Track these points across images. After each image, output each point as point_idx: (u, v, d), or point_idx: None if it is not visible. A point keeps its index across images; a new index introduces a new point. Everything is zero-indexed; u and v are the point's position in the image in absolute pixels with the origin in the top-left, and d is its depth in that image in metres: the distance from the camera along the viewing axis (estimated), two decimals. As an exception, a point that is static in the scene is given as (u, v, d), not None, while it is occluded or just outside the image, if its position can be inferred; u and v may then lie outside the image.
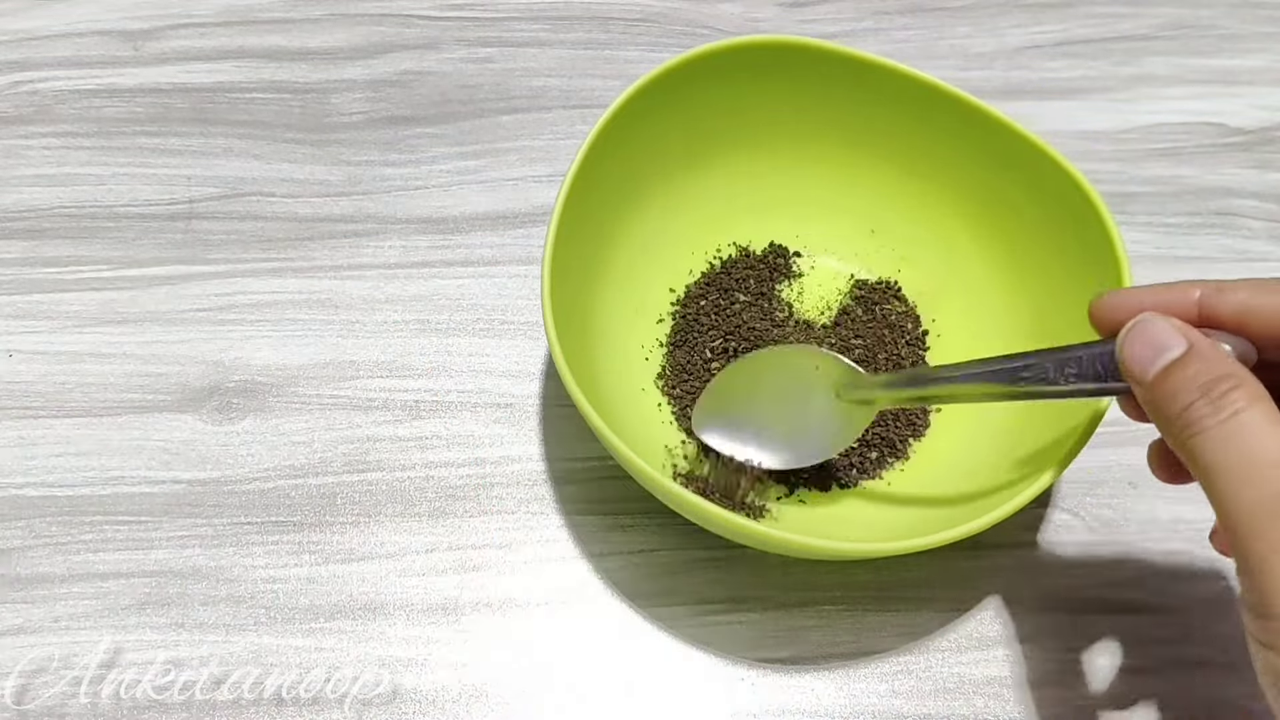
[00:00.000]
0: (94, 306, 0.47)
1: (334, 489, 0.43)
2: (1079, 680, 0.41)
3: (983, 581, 0.42)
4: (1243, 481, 0.27)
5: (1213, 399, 0.28)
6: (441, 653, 0.40)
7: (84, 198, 0.50)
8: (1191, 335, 0.30)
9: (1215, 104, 0.55)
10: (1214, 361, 0.29)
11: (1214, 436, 0.28)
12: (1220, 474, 0.28)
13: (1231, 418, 0.28)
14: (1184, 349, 0.30)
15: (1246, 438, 0.27)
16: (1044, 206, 0.42)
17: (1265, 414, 0.28)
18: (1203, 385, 0.29)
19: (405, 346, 0.47)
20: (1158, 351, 0.30)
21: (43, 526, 0.42)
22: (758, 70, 0.44)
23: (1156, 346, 0.30)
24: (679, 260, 0.47)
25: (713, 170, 0.47)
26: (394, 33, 0.55)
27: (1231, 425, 0.28)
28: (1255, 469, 0.27)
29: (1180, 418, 0.29)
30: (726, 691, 0.40)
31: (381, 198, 0.50)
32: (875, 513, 0.42)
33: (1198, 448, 0.28)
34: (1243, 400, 0.28)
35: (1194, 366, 0.29)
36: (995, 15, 0.57)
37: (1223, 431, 0.28)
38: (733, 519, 0.35)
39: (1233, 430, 0.28)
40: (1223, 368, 0.29)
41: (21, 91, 0.53)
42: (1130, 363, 0.31)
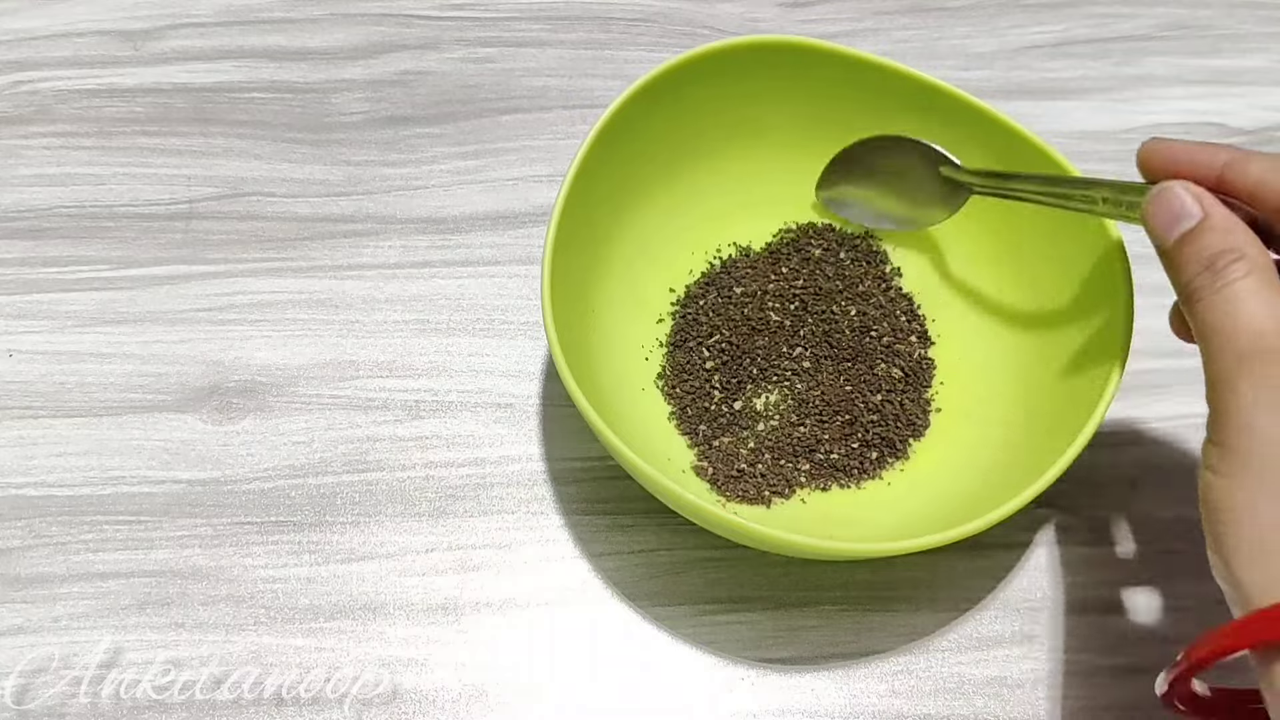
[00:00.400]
0: (94, 306, 0.47)
1: (334, 489, 0.43)
2: (1079, 680, 0.41)
3: (983, 581, 0.42)
4: (1224, 340, 0.31)
5: (1215, 270, 0.31)
6: (441, 653, 0.40)
7: (84, 198, 0.50)
8: (1208, 205, 0.33)
9: (1215, 104, 0.55)
10: (1223, 233, 0.32)
11: (1209, 303, 0.31)
12: (1209, 336, 0.31)
13: (1225, 287, 0.31)
14: (1198, 219, 0.32)
15: (1235, 304, 0.31)
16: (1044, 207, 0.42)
17: (1259, 283, 0.31)
18: (1208, 257, 0.32)
19: (405, 346, 0.47)
20: (1175, 219, 0.33)
21: (43, 526, 0.42)
22: (758, 70, 0.44)
23: (1174, 214, 0.33)
24: (679, 260, 0.47)
25: (713, 170, 0.47)
26: (394, 33, 0.55)
27: (1225, 293, 0.31)
28: (1236, 330, 0.30)
29: (1188, 285, 0.32)
30: (726, 691, 0.40)
31: (381, 198, 0.50)
32: (875, 513, 0.42)
33: (1196, 312, 0.32)
34: (1240, 270, 0.31)
35: (1206, 238, 0.32)
36: (995, 15, 0.57)
37: (1216, 299, 0.31)
38: (733, 519, 0.35)
39: (1226, 298, 0.31)
40: (1230, 240, 0.32)
41: (21, 91, 0.53)
42: (1154, 228, 0.34)
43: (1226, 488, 0.30)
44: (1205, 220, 0.32)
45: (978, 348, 0.45)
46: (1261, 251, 0.31)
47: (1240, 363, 0.30)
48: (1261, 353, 0.30)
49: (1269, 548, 0.28)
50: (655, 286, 0.46)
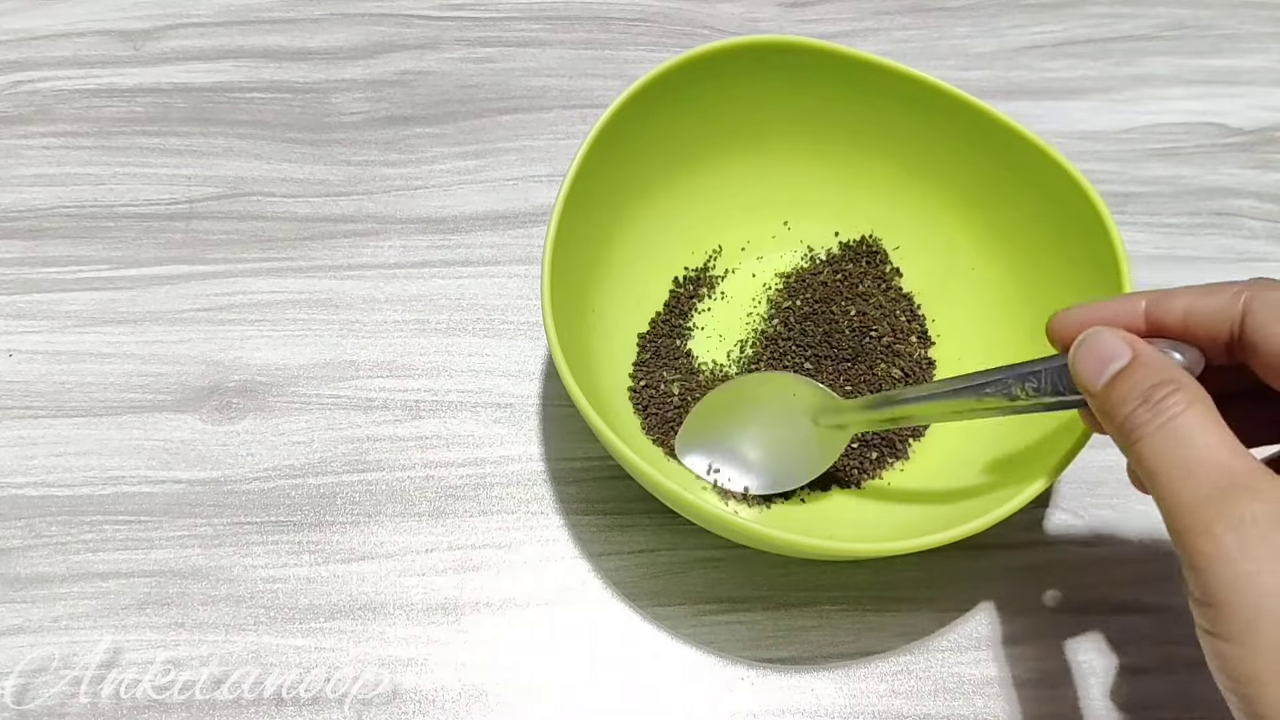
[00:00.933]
0: (94, 306, 0.47)
1: (334, 489, 0.43)
2: (1079, 680, 0.41)
3: (983, 582, 0.42)
4: (1180, 480, 0.28)
5: (1152, 404, 0.29)
6: (441, 653, 0.40)
7: (84, 197, 0.50)
8: (1136, 345, 0.31)
9: (1215, 104, 0.55)
10: (1156, 368, 0.30)
11: (1154, 440, 0.29)
12: (1160, 474, 0.29)
13: (1169, 421, 0.29)
14: (1129, 358, 0.31)
15: (1183, 438, 0.29)
16: (1044, 206, 0.42)
17: (1201, 415, 0.29)
18: (1143, 392, 0.30)
19: (405, 346, 0.47)
20: (1105, 362, 0.31)
21: (43, 526, 0.42)
22: (758, 70, 0.44)
23: (1103, 357, 0.31)
24: (679, 259, 0.47)
25: (712, 170, 0.47)
26: (394, 33, 0.55)
27: (1169, 428, 0.29)
28: (1190, 467, 0.28)
29: (1125, 423, 0.30)
30: (726, 691, 0.40)
31: (381, 197, 0.50)
32: (875, 513, 0.42)
33: (1141, 452, 0.29)
34: (1181, 403, 0.29)
35: (1138, 374, 0.30)
36: (995, 15, 0.57)
37: (1161, 434, 0.29)
38: (733, 519, 0.35)
39: (1170, 432, 0.29)
40: (1162, 374, 0.30)
41: (21, 91, 0.53)
42: (1081, 374, 0.32)
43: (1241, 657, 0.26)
44: (1136, 358, 0.31)
45: (978, 348, 0.45)
46: (1195, 384, 0.30)
47: (1208, 504, 0.27)
48: (1229, 491, 0.27)
49: None
50: (655, 286, 0.46)
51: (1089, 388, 0.32)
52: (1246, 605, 0.26)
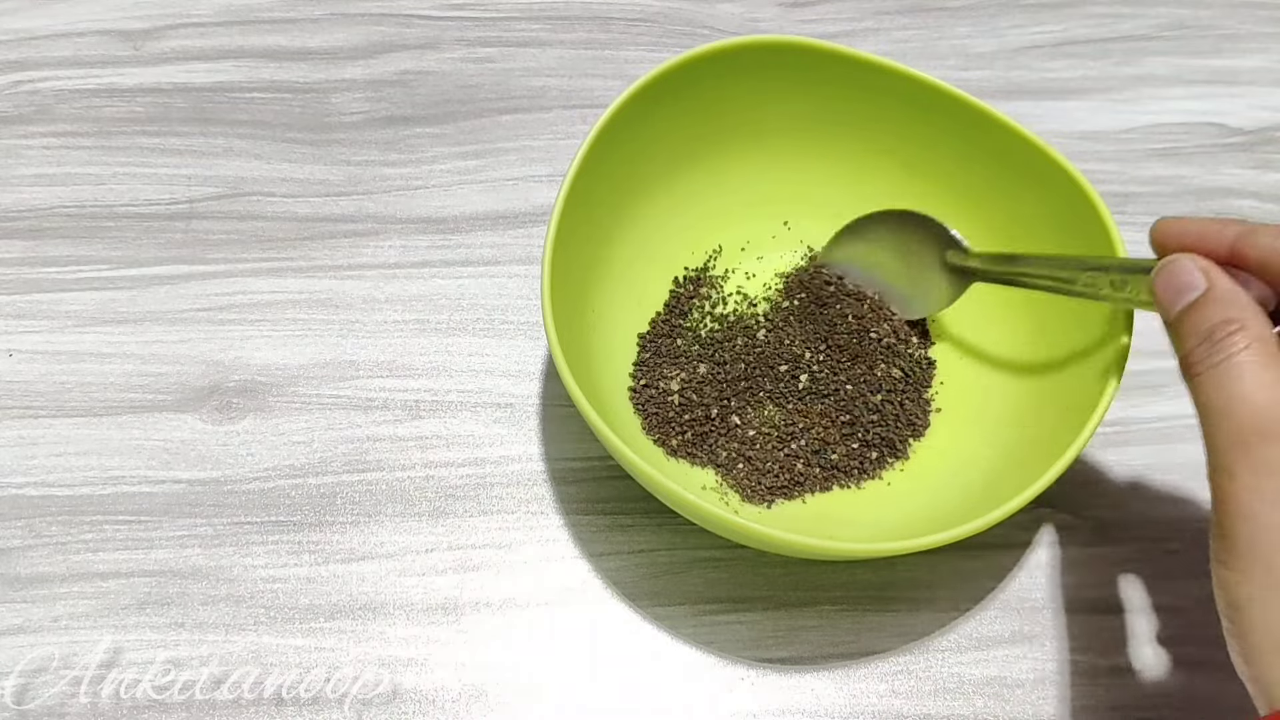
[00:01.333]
0: (94, 306, 0.47)
1: (334, 489, 0.43)
2: (1079, 680, 0.41)
3: (983, 582, 0.42)
4: (1219, 418, 0.29)
5: (1214, 342, 0.30)
6: (441, 653, 0.40)
7: (84, 197, 0.50)
8: (1214, 276, 0.32)
9: (1215, 104, 0.55)
10: (1226, 304, 0.31)
11: (1207, 378, 0.30)
12: (1206, 414, 0.30)
13: (1225, 360, 0.30)
14: (1202, 290, 0.32)
15: (1234, 379, 0.29)
16: (1044, 206, 0.42)
17: (1256, 355, 0.30)
18: (1208, 328, 0.31)
19: (405, 346, 0.47)
20: (1180, 291, 0.32)
21: (42, 526, 0.42)
22: (758, 70, 0.44)
23: (1180, 286, 0.32)
24: (679, 259, 0.47)
25: (712, 170, 0.47)
26: (394, 32, 0.55)
27: (1224, 368, 0.30)
28: (1231, 406, 0.29)
29: (1188, 357, 0.31)
30: (726, 691, 0.40)
31: (381, 197, 0.50)
32: (875, 513, 0.42)
33: (1195, 388, 0.31)
34: (1240, 342, 0.30)
35: (1208, 310, 0.31)
36: (995, 15, 0.57)
37: (1215, 373, 0.30)
38: (733, 519, 0.35)
39: (1223, 372, 0.30)
40: (1230, 311, 0.31)
41: (21, 91, 0.53)
42: (1160, 300, 0.33)
43: (1237, 583, 0.28)
44: (1209, 291, 0.32)
45: (978, 348, 0.45)
46: (1264, 323, 0.30)
47: (1236, 445, 0.29)
48: (1258, 433, 0.28)
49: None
50: (655, 285, 0.46)
51: (1165, 315, 0.33)
52: (1248, 537, 0.28)
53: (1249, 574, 0.28)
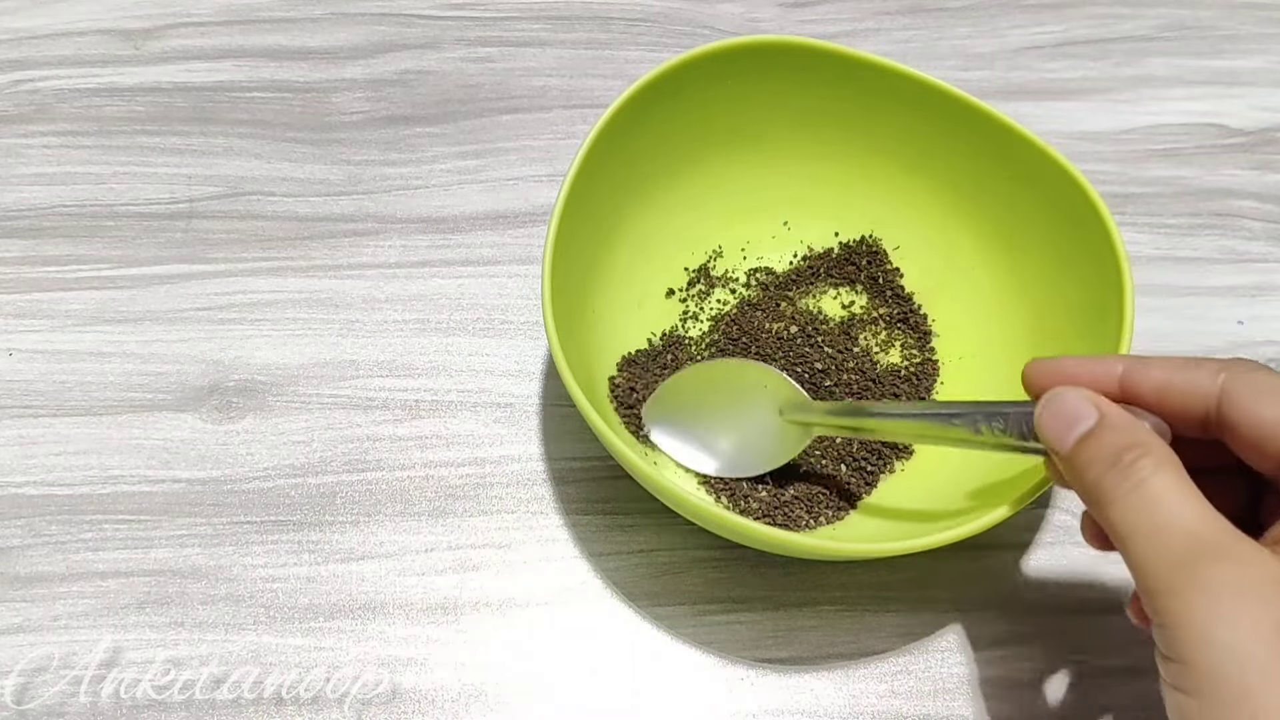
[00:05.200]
0: (94, 305, 0.47)
1: (334, 488, 0.43)
2: (1079, 681, 0.41)
3: (983, 582, 0.42)
4: (1150, 543, 0.28)
5: (1122, 468, 0.30)
6: (441, 652, 0.40)
7: (84, 196, 0.50)
8: (1103, 406, 0.31)
9: (1215, 105, 0.55)
10: (1124, 431, 0.30)
11: (1125, 504, 0.29)
12: (1132, 539, 0.29)
13: (1139, 484, 0.29)
14: (1095, 420, 0.31)
15: (1153, 503, 0.29)
16: (1044, 207, 0.42)
17: (1170, 478, 0.29)
18: (1113, 454, 0.30)
19: (405, 346, 0.47)
20: (1071, 423, 0.31)
21: (42, 525, 0.42)
22: (758, 70, 0.44)
23: (1069, 418, 0.31)
24: (679, 259, 0.47)
25: (712, 170, 0.47)
26: (394, 32, 0.55)
27: (1140, 492, 0.29)
28: (1161, 531, 0.28)
29: (1095, 487, 0.30)
30: (726, 691, 0.40)
31: (382, 197, 0.50)
32: (875, 513, 0.42)
33: (1111, 516, 0.30)
34: (1150, 467, 0.29)
35: (1106, 437, 0.31)
36: (996, 15, 0.57)
37: (1132, 499, 0.29)
38: (733, 519, 0.35)
39: (1141, 497, 0.29)
40: (1131, 436, 0.30)
41: (22, 90, 0.53)
42: (1047, 433, 0.32)
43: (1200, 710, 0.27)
44: (1103, 419, 0.31)
45: (978, 347, 0.45)
46: (1164, 446, 0.30)
47: (1180, 569, 0.28)
48: (1201, 556, 0.28)
49: None
50: (655, 286, 0.46)
51: (1055, 449, 0.32)
52: (1210, 664, 0.27)
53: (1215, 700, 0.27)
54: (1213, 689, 0.27)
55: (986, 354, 0.45)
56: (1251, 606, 0.27)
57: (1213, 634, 0.27)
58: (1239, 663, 0.26)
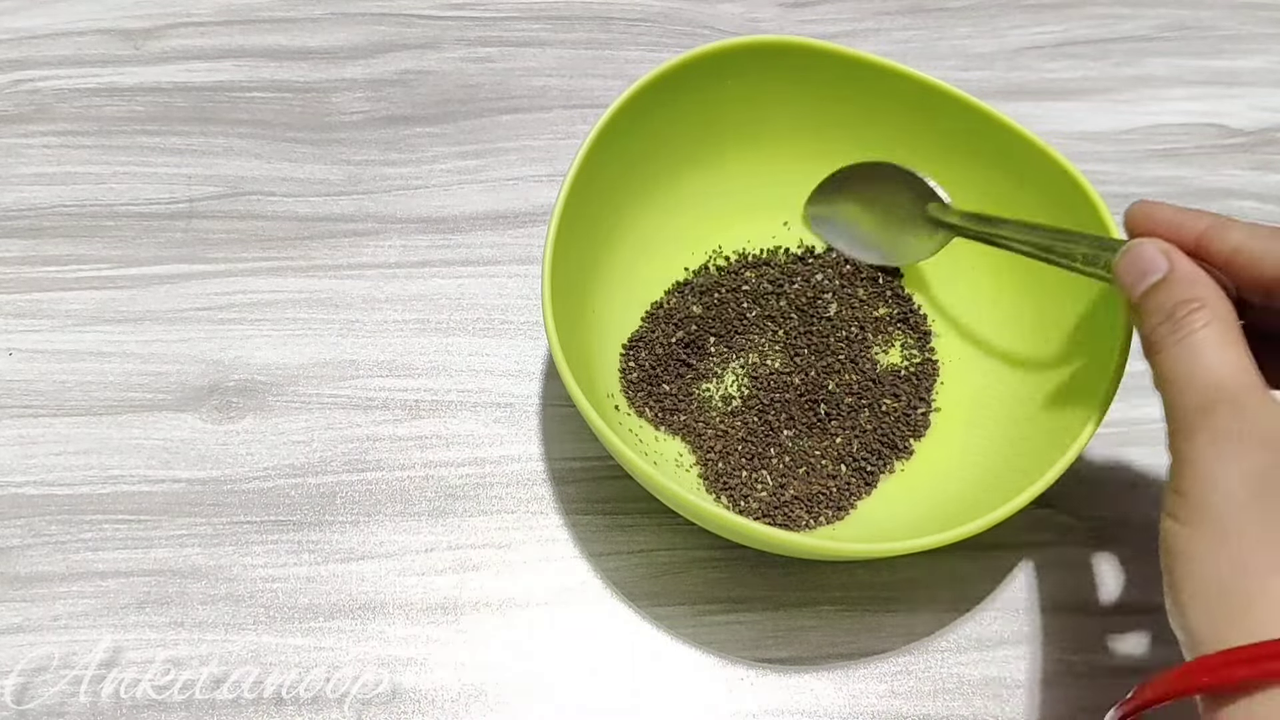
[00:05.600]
0: (94, 305, 0.47)
1: (333, 488, 0.43)
2: (1079, 681, 0.41)
3: (983, 582, 0.42)
4: (1180, 390, 0.31)
5: (1175, 320, 0.32)
6: (441, 652, 0.40)
7: (84, 196, 0.50)
8: (1175, 259, 0.33)
9: (1216, 105, 0.55)
10: (1187, 285, 0.32)
11: (1170, 353, 0.32)
12: (1168, 386, 0.32)
13: (1187, 337, 0.31)
14: (1165, 272, 0.33)
15: (1193, 354, 0.31)
16: (1044, 207, 0.42)
17: (1218, 333, 0.31)
18: (1170, 307, 0.32)
19: (405, 346, 0.47)
20: (1143, 273, 0.33)
21: (42, 525, 0.42)
22: (758, 70, 0.44)
23: (1142, 268, 0.33)
24: (679, 259, 0.47)
25: (712, 170, 0.47)
26: (394, 32, 0.55)
27: (1185, 344, 0.31)
28: (1192, 379, 0.31)
29: (1150, 335, 0.33)
30: (726, 691, 0.40)
31: (382, 197, 0.50)
32: (876, 513, 0.42)
33: (1158, 363, 0.32)
34: (1201, 320, 0.31)
35: (1170, 289, 0.33)
36: (996, 16, 0.57)
37: (1177, 349, 0.31)
38: (733, 519, 0.35)
39: (1186, 347, 0.31)
40: (1192, 291, 0.32)
41: (22, 90, 0.53)
42: (1123, 279, 0.34)
43: (1186, 535, 0.30)
44: (1171, 273, 0.33)
45: (978, 348, 0.45)
46: (1224, 303, 0.32)
47: (1198, 413, 0.30)
48: (1219, 403, 0.30)
49: (1221, 597, 0.29)
50: (655, 286, 0.46)
51: (1129, 295, 0.34)
52: (1201, 495, 0.29)
53: (1198, 529, 0.29)
54: (1199, 519, 0.29)
55: (986, 354, 0.45)
56: (1248, 452, 0.29)
57: (1210, 472, 0.29)
58: (1224, 498, 0.29)
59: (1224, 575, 0.29)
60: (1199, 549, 0.29)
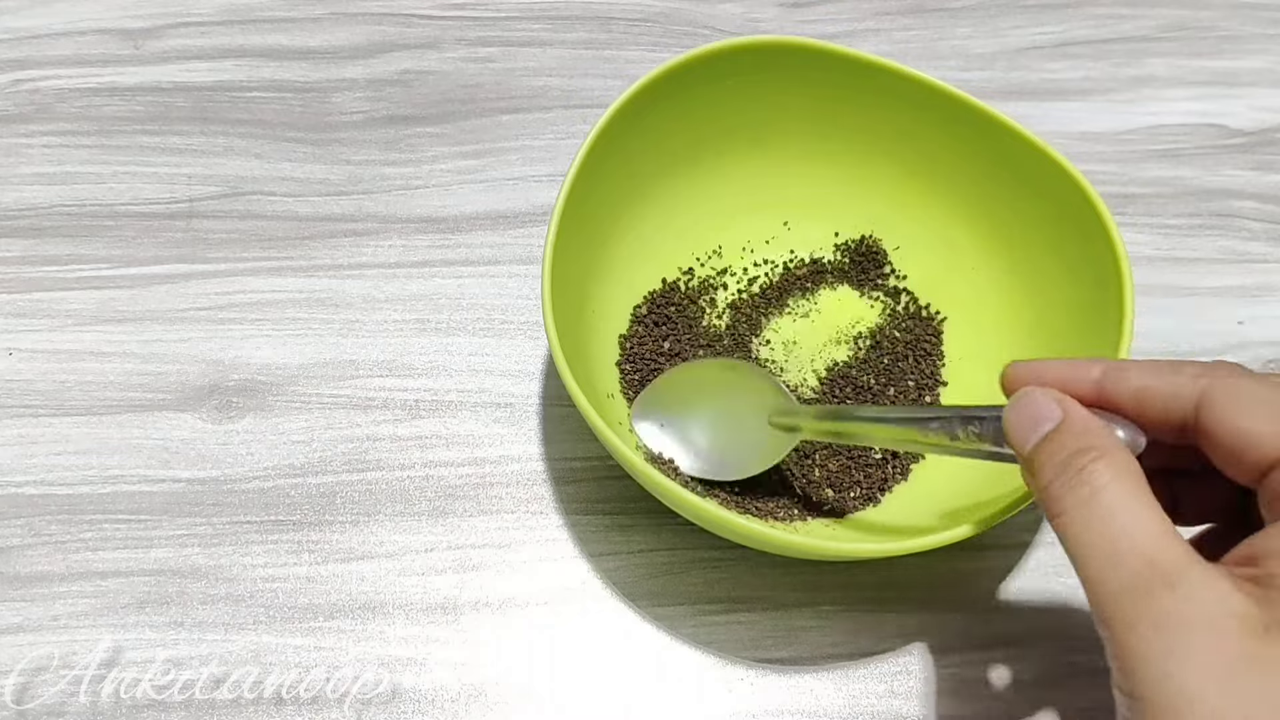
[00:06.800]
0: (94, 305, 0.47)
1: (333, 488, 0.43)
2: (1079, 681, 0.41)
3: (982, 582, 0.42)
4: (1101, 565, 0.27)
5: (1073, 473, 0.28)
6: (441, 653, 0.40)
7: (84, 196, 0.50)
8: (1069, 407, 0.30)
9: (1216, 105, 0.55)
10: (1082, 434, 0.29)
11: (1075, 515, 0.28)
12: (1081, 556, 0.27)
13: (1092, 496, 0.27)
14: (1059, 420, 0.30)
15: (1105, 517, 0.27)
16: (1044, 207, 0.42)
17: (1128, 490, 0.27)
18: (1064, 459, 0.28)
19: (405, 346, 0.47)
20: (1034, 424, 0.30)
21: (42, 525, 0.42)
22: (758, 70, 0.44)
23: (1033, 419, 0.30)
24: (679, 259, 0.47)
25: (712, 170, 0.47)
26: (395, 32, 0.55)
27: (1091, 504, 0.27)
28: (1112, 551, 0.27)
29: (1046, 492, 0.29)
30: (726, 691, 0.40)
31: (382, 197, 0.50)
32: (876, 513, 0.42)
33: (1062, 527, 0.28)
34: (1105, 475, 0.28)
35: (1064, 439, 0.29)
36: (996, 16, 0.57)
37: (1083, 510, 0.28)
38: (733, 519, 0.35)
39: (1092, 509, 0.27)
40: (1087, 440, 0.29)
41: (22, 90, 0.53)
42: (1012, 434, 0.31)
43: None
44: (1064, 421, 0.29)
45: (978, 347, 0.45)
46: (1124, 453, 0.28)
47: (1132, 597, 0.26)
48: (1153, 584, 0.26)
49: None
50: (655, 286, 0.46)
51: (1019, 449, 0.30)
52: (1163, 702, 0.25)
53: None
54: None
55: (986, 354, 0.45)
56: (1203, 643, 0.25)
57: (1165, 670, 0.25)
58: (1190, 703, 0.25)
59: None
60: None
